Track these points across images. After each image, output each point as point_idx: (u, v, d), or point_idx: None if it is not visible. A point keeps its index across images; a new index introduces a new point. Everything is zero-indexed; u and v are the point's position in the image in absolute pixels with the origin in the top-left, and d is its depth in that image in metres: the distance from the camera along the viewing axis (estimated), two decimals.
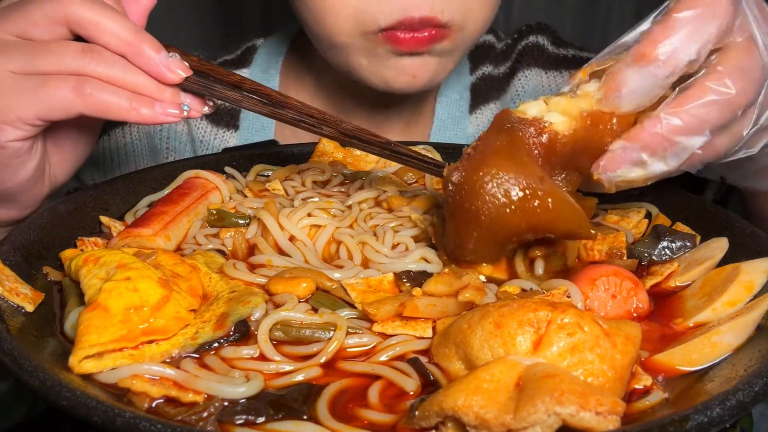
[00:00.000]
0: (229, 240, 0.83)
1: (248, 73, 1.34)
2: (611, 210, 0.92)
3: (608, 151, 0.71)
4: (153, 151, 1.31)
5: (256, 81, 0.85)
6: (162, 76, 0.78)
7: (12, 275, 0.70)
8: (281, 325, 0.66)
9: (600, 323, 0.57)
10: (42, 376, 0.54)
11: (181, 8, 2.25)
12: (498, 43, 1.42)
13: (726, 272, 0.72)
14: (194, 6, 2.29)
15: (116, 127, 1.32)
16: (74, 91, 0.75)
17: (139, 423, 0.50)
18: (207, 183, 0.93)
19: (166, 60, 0.78)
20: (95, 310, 0.61)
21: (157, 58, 0.77)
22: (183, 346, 0.63)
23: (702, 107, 0.68)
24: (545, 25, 1.42)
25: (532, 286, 0.73)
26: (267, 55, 1.37)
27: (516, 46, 1.39)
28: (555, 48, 1.39)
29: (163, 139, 1.30)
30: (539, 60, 1.36)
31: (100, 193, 0.90)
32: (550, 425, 0.50)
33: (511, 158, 0.69)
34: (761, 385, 0.54)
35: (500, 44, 1.42)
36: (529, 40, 1.38)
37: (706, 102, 0.68)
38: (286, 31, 1.39)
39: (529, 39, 1.38)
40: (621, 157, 0.70)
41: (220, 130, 1.30)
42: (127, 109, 0.77)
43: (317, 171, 1.02)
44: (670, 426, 0.49)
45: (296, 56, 1.36)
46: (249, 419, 0.55)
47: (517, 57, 1.38)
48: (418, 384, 0.60)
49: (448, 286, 0.70)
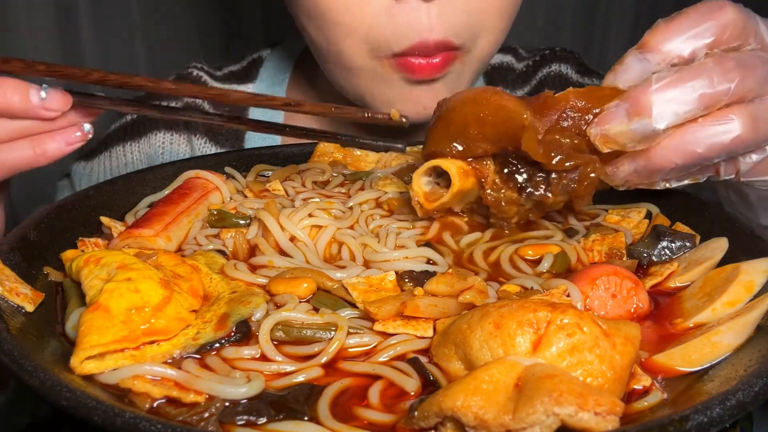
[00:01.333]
0: (230, 240, 0.83)
1: (254, 88, 1.33)
2: (611, 210, 0.92)
3: (603, 110, 0.75)
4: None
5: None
6: (44, 119, 0.78)
7: (12, 275, 0.70)
8: (282, 326, 0.66)
9: (599, 324, 0.58)
10: (42, 376, 0.54)
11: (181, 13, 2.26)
12: (518, 64, 1.39)
13: (726, 272, 0.72)
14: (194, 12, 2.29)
15: (117, 144, 1.32)
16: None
17: (140, 423, 0.50)
18: (207, 183, 0.93)
19: (40, 102, 0.77)
20: (96, 310, 0.61)
21: (29, 105, 0.76)
22: (184, 347, 0.63)
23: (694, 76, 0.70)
24: (570, 52, 1.39)
25: (532, 284, 0.73)
26: (273, 70, 1.36)
27: (537, 72, 1.36)
28: (580, 77, 1.36)
29: (166, 160, 1.30)
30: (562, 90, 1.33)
31: (100, 194, 0.90)
32: (549, 426, 0.50)
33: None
34: (761, 385, 0.54)
35: (520, 65, 1.39)
36: (552, 69, 1.35)
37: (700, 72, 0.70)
38: (292, 44, 1.38)
39: (552, 67, 1.35)
40: (612, 112, 0.73)
41: (223, 150, 1.29)
42: (34, 156, 0.79)
43: (317, 171, 1.02)
44: (669, 426, 0.49)
45: (303, 73, 1.34)
46: (250, 420, 0.55)
47: (537, 84, 1.35)
48: (418, 384, 0.60)
49: (450, 287, 0.70)
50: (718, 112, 0.71)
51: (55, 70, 0.80)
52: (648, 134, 0.71)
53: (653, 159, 0.73)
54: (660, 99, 0.70)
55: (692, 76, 0.70)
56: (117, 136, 1.33)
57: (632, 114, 0.71)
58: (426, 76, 1.03)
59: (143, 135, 1.32)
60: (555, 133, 0.76)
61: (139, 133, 1.32)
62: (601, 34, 2.80)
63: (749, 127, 0.71)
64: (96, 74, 0.80)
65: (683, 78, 0.70)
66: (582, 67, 1.38)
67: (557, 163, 0.75)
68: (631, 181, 0.78)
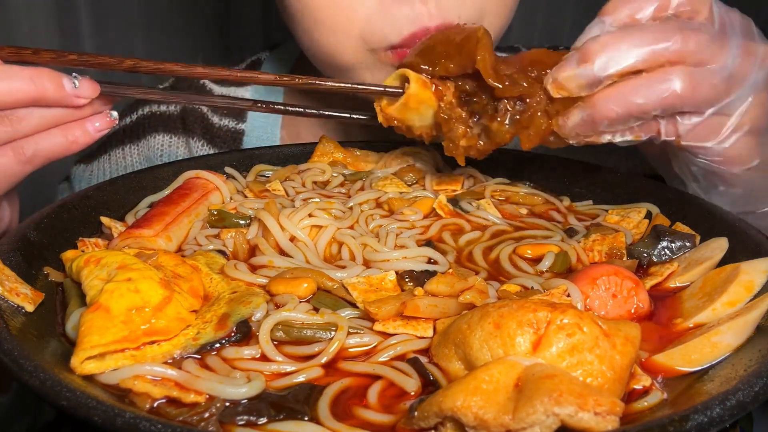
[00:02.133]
0: (230, 241, 0.83)
1: (252, 90, 1.33)
2: (611, 210, 0.93)
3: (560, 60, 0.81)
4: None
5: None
6: (76, 106, 0.82)
7: (12, 275, 0.70)
8: (282, 326, 0.66)
9: (599, 324, 0.58)
10: (42, 376, 0.54)
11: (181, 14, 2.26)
12: None
13: (726, 272, 0.72)
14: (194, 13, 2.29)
15: (116, 147, 1.33)
16: (16, 160, 0.80)
17: (140, 423, 0.50)
18: (207, 183, 0.93)
19: (73, 90, 0.80)
20: (97, 311, 0.61)
21: (64, 93, 0.80)
22: (184, 347, 0.63)
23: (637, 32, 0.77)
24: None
25: (533, 284, 0.73)
26: (272, 72, 1.36)
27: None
28: None
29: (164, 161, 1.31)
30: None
31: (100, 194, 0.90)
32: (549, 426, 0.50)
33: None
34: (761, 385, 0.54)
35: None
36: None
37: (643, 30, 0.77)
38: (290, 46, 1.38)
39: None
40: (565, 60, 0.80)
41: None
42: (66, 144, 0.82)
43: (317, 171, 1.02)
44: (669, 426, 0.49)
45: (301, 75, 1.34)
46: (250, 420, 0.55)
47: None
48: (418, 384, 0.60)
49: (450, 287, 0.70)
50: (660, 69, 0.77)
51: (87, 59, 0.84)
52: (591, 80, 0.77)
53: (597, 106, 0.78)
54: (604, 49, 0.76)
55: (635, 32, 0.77)
56: (116, 139, 1.35)
57: (580, 61, 0.77)
58: None
59: (142, 138, 1.33)
60: (516, 74, 0.82)
61: (138, 136, 1.33)
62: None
63: (687, 85, 0.76)
64: (129, 61, 0.85)
65: (628, 33, 0.77)
66: None
67: (505, 88, 0.81)
68: (580, 134, 0.82)
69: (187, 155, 1.31)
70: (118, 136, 1.34)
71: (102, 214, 0.88)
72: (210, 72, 0.88)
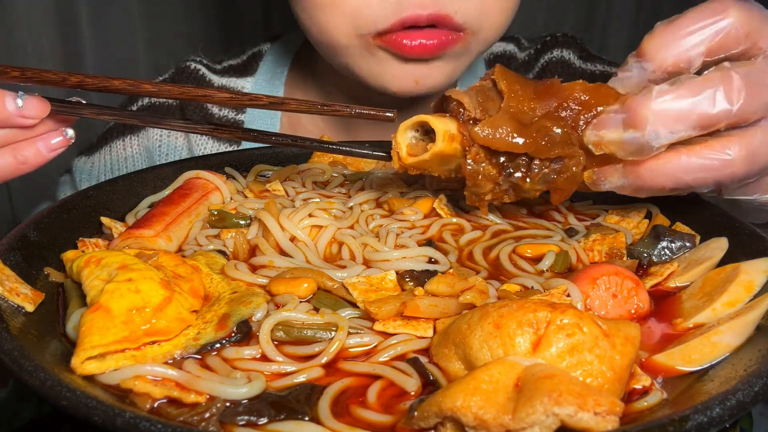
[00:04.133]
0: (230, 241, 0.83)
1: (252, 82, 1.34)
2: (611, 210, 0.93)
3: (602, 112, 0.73)
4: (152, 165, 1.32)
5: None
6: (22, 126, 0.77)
7: (12, 275, 0.70)
8: (283, 326, 0.66)
9: (599, 324, 0.58)
10: (42, 376, 0.54)
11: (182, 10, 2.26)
12: (520, 53, 1.37)
13: (726, 272, 0.72)
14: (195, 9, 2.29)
15: (117, 139, 1.33)
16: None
17: (140, 423, 0.50)
18: (207, 183, 0.93)
19: (16, 110, 0.76)
20: (97, 311, 0.61)
21: (6, 113, 0.75)
22: (185, 347, 0.63)
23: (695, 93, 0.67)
24: (572, 37, 1.37)
25: (533, 284, 0.73)
26: (272, 64, 1.36)
27: (539, 59, 1.35)
28: (582, 63, 1.34)
29: (162, 154, 1.31)
30: (565, 76, 1.30)
31: (100, 194, 0.90)
32: (549, 426, 0.50)
33: None
34: (761, 385, 0.54)
35: (522, 54, 1.37)
36: (554, 54, 1.33)
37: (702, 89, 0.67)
38: (292, 38, 1.38)
39: (554, 53, 1.34)
40: (609, 118, 0.71)
41: (221, 145, 1.30)
42: (15, 164, 0.78)
43: (317, 171, 1.02)
44: (669, 426, 0.49)
45: (302, 66, 1.35)
46: (251, 420, 0.55)
47: (539, 71, 1.33)
48: (418, 384, 0.60)
49: (451, 287, 0.70)
50: (716, 142, 0.68)
51: (30, 75, 0.78)
52: (640, 148, 0.69)
53: (643, 178, 0.72)
54: (657, 115, 0.67)
55: (693, 92, 0.67)
56: (117, 131, 1.35)
57: (628, 125, 0.69)
58: (418, 56, 1.02)
59: (142, 128, 1.34)
60: (549, 121, 0.74)
61: (138, 127, 1.33)
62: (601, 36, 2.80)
63: (745, 162, 0.68)
64: (73, 78, 0.79)
65: (683, 95, 0.67)
66: (584, 53, 1.36)
67: (541, 147, 0.74)
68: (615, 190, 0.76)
69: (187, 146, 1.31)
70: (118, 128, 1.35)
71: (102, 215, 0.88)
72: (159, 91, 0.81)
